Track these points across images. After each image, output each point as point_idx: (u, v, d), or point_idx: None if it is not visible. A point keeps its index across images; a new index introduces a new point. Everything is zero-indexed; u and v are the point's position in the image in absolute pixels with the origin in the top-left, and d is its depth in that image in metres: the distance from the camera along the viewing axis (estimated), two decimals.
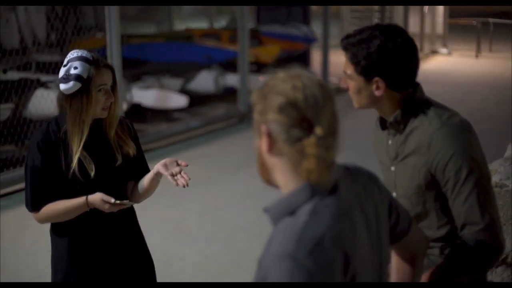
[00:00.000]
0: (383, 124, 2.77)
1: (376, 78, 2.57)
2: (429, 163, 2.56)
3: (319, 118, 1.76)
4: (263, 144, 1.82)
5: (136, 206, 3.31)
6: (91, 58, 3.04)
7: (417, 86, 2.68)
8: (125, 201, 3.05)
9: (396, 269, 2.30)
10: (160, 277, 3.41)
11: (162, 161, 3.10)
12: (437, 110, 2.62)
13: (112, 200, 3.01)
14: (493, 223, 2.51)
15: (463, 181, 2.51)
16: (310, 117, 1.76)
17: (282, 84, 1.80)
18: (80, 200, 3.06)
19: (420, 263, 2.29)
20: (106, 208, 3.02)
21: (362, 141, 2.81)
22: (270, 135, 1.80)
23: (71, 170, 3.06)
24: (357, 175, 1.96)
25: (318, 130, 1.75)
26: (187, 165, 3.08)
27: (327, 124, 1.76)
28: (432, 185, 2.60)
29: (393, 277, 2.30)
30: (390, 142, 2.74)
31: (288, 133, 1.77)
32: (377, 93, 2.60)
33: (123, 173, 3.20)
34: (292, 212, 1.77)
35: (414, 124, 2.63)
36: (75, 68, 3.01)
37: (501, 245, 2.53)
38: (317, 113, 1.76)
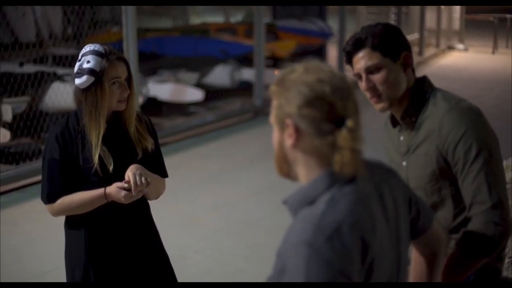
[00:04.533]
0: (394, 121, 2.79)
1: (404, 53, 2.64)
2: (440, 146, 2.59)
3: (347, 110, 1.75)
4: (288, 138, 1.79)
5: (152, 200, 3.32)
6: (103, 51, 3.05)
7: (424, 78, 2.75)
8: (140, 184, 2.98)
9: (414, 265, 2.29)
10: (175, 270, 3.42)
11: (136, 168, 3.03)
12: (445, 97, 2.67)
13: (126, 185, 2.98)
14: (501, 203, 2.52)
15: (472, 161, 2.53)
16: (339, 110, 1.74)
17: (306, 77, 1.77)
18: (98, 191, 3.05)
19: (440, 261, 2.27)
20: (122, 197, 3.00)
21: (378, 137, 2.80)
22: (297, 129, 1.77)
23: (91, 164, 3.06)
24: (377, 169, 1.95)
25: (350, 123, 1.73)
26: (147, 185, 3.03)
27: (355, 116, 1.75)
28: (445, 170, 2.62)
29: (412, 274, 2.28)
30: (401, 138, 2.77)
31: (318, 127, 1.74)
32: (407, 69, 2.66)
33: None
34: (311, 202, 1.76)
35: (425, 114, 2.67)
36: (88, 62, 3.02)
37: (510, 225, 2.53)
38: (345, 106, 1.75)
